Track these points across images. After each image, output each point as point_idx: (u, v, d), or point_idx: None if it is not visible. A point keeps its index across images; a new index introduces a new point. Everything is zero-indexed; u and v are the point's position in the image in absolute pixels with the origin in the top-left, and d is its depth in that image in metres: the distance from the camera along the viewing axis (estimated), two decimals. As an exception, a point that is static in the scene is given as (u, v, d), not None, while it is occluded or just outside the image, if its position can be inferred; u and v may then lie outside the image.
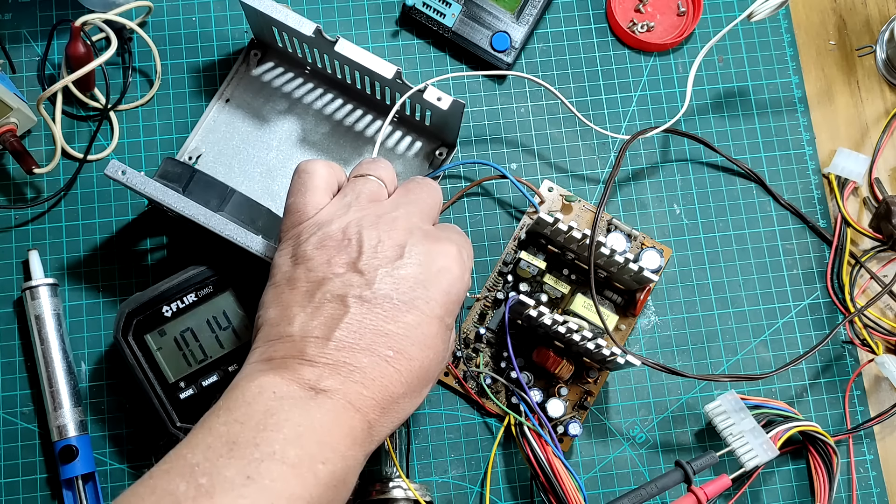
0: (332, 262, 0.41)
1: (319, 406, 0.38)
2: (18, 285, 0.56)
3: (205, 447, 0.37)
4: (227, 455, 0.36)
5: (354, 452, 0.39)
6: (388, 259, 0.41)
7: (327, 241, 0.42)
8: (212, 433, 0.37)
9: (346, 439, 0.38)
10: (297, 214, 0.44)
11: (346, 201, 0.44)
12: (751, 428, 0.52)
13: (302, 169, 0.45)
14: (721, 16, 0.61)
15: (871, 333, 0.56)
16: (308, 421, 0.38)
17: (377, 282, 0.40)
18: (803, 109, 0.61)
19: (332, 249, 0.41)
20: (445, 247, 0.43)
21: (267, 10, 0.51)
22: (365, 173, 0.46)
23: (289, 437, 0.37)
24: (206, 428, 0.38)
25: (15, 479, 0.54)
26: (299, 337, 0.40)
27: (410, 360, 0.40)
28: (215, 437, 0.37)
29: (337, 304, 0.40)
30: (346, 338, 0.40)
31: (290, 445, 0.37)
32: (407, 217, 0.43)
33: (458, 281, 0.43)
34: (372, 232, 0.42)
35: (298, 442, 0.37)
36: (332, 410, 0.38)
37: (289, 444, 0.37)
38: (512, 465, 0.55)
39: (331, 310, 0.40)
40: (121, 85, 0.58)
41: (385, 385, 0.40)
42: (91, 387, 0.55)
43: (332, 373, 0.39)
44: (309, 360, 0.39)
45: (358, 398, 0.39)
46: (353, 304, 0.40)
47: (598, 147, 0.59)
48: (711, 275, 0.58)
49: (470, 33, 0.59)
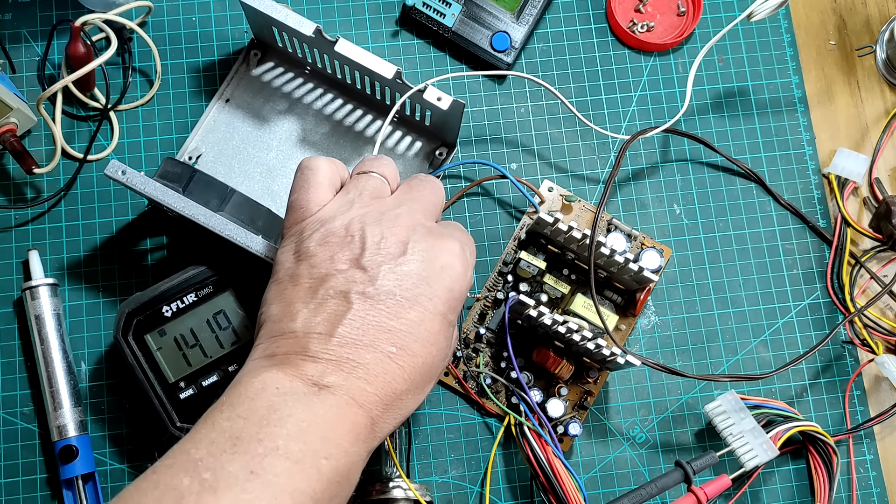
0: (335, 258, 0.41)
1: (322, 402, 0.38)
2: (18, 285, 0.56)
3: (208, 442, 0.37)
4: (231, 450, 0.36)
5: (357, 448, 0.39)
6: (391, 255, 0.41)
7: (330, 237, 0.42)
8: (215, 428, 0.37)
9: (349, 435, 0.39)
10: (299, 211, 0.44)
11: (349, 198, 0.44)
12: (751, 428, 0.52)
13: (305, 166, 0.45)
14: (721, 16, 0.61)
15: (871, 333, 0.56)
16: (311, 416, 0.38)
17: (380, 278, 0.40)
18: (803, 109, 0.61)
19: (335, 246, 0.41)
20: (448, 244, 0.43)
21: (267, 10, 0.51)
22: (368, 170, 0.46)
23: (292, 432, 0.37)
24: (209, 423, 0.38)
25: (15, 479, 0.54)
26: (302, 333, 0.40)
27: (413, 356, 0.40)
28: (219, 433, 0.37)
29: (340, 301, 0.40)
30: (349, 334, 0.40)
31: (294, 441, 0.37)
32: (410, 214, 0.43)
33: (461, 278, 0.43)
34: (375, 228, 0.41)
35: (302, 437, 0.37)
36: (335, 406, 0.38)
37: (292, 439, 0.37)
38: (512, 465, 0.55)
39: (334, 306, 0.40)
40: (121, 85, 0.58)
41: (388, 381, 0.40)
42: (91, 387, 0.55)
43: (335, 369, 0.39)
44: (312, 356, 0.39)
45: (361, 394, 0.39)
46: (356, 300, 0.40)
47: (598, 147, 0.59)
48: (711, 275, 0.58)
49: (470, 33, 0.59)
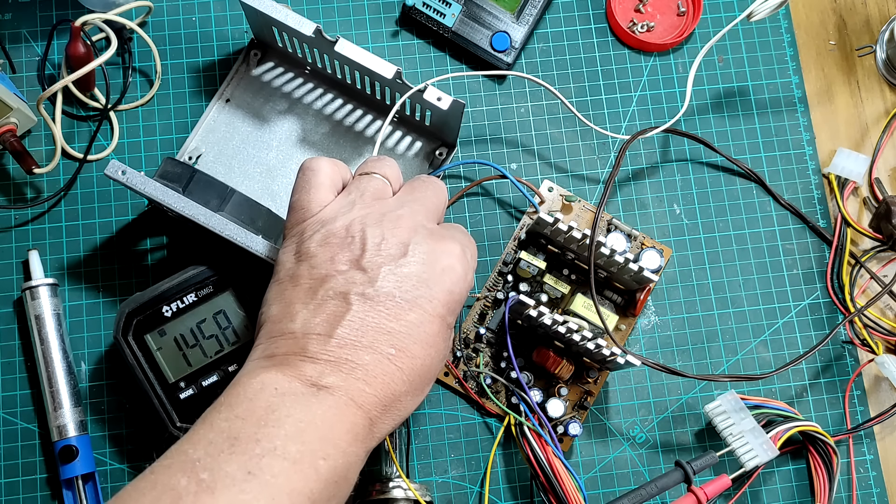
0: (336, 259, 0.41)
1: (321, 402, 0.38)
2: (18, 285, 0.56)
3: (206, 443, 0.37)
4: (229, 451, 0.36)
5: (356, 449, 0.39)
6: (391, 257, 0.41)
7: (331, 238, 0.42)
8: (213, 429, 0.37)
9: (347, 435, 0.39)
10: (301, 211, 0.44)
11: (350, 199, 0.44)
12: (751, 428, 0.52)
13: (306, 166, 0.45)
14: (721, 16, 0.61)
15: (871, 333, 0.56)
16: (309, 417, 0.38)
17: (380, 279, 0.40)
18: (803, 109, 0.61)
19: (336, 247, 0.41)
20: (449, 245, 0.43)
21: (267, 10, 0.51)
22: (370, 171, 0.46)
23: (290, 432, 0.37)
24: (207, 424, 0.38)
25: (15, 479, 0.54)
26: (301, 334, 0.40)
27: (413, 358, 0.41)
28: (217, 433, 0.37)
29: (339, 302, 0.40)
30: (349, 335, 0.40)
31: (292, 441, 0.37)
32: (411, 215, 0.43)
33: (461, 280, 0.43)
34: (376, 229, 0.42)
35: (300, 438, 0.37)
36: (333, 406, 0.39)
37: (290, 439, 0.37)
38: (512, 465, 0.55)
39: (333, 307, 0.40)
40: (121, 85, 0.58)
41: (387, 382, 0.40)
42: (91, 387, 0.55)
43: (334, 370, 0.39)
44: (311, 356, 0.39)
45: (360, 395, 0.39)
46: (355, 301, 0.40)
47: (598, 147, 0.59)
48: (711, 275, 0.58)
49: (470, 33, 0.59)
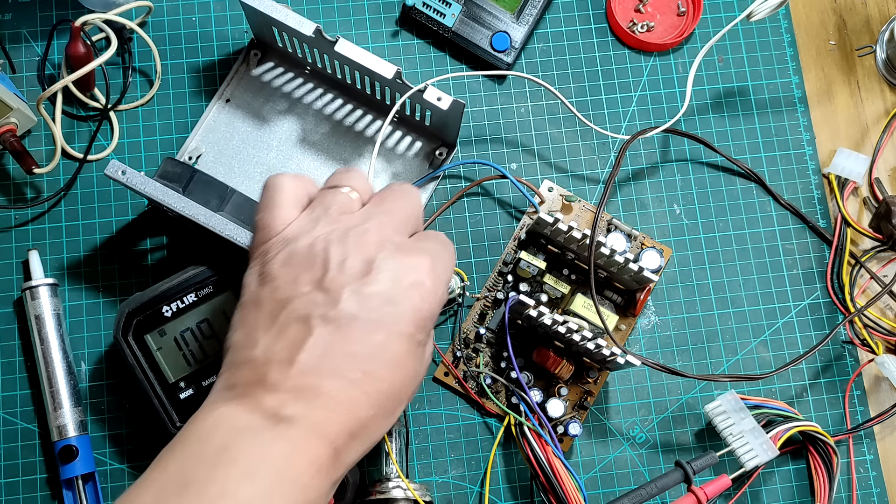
0: (298, 280, 0.39)
1: (280, 436, 0.36)
2: (18, 285, 0.56)
3: (157, 488, 0.35)
4: (177, 496, 0.35)
5: (319, 482, 0.37)
6: (354, 276, 0.38)
7: (293, 258, 0.39)
8: (165, 471, 0.36)
9: (309, 468, 0.36)
10: (264, 231, 0.42)
11: (314, 215, 0.41)
12: (751, 428, 0.52)
13: (269, 184, 0.43)
14: (721, 16, 0.61)
15: (871, 333, 0.56)
16: (266, 452, 0.36)
17: (343, 300, 0.38)
18: (803, 109, 0.61)
19: (298, 267, 0.39)
20: (417, 260, 0.40)
21: (267, 10, 0.51)
22: (336, 184, 0.43)
23: (244, 472, 0.35)
24: (161, 466, 0.37)
25: (15, 479, 0.54)
26: (262, 361, 0.38)
27: (380, 381, 0.38)
28: (168, 477, 0.36)
29: (301, 326, 0.38)
30: (310, 361, 0.37)
31: (245, 483, 0.35)
32: (378, 229, 0.40)
33: (430, 295, 0.40)
34: (339, 247, 0.39)
35: (254, 478, 0.35)
36: (293, 440, 0.36)
37: (243, 480, 0.35)
38: (512, 465, 0.55)
39: (294, 332, 0.38)
40: (121, 85, 0.58)
41: (352, 409, 0.38)
42: (91, 387, 0.55)
43: (295, 399, 0.37)
44: (271, 386, 0.37)
45: (323, 424, 0.37)
46: (317, 324, 0.38)
47: (598, 147, 0.59)
48: (711, 275, 0.58)
49: (470, 33, 0.59)
